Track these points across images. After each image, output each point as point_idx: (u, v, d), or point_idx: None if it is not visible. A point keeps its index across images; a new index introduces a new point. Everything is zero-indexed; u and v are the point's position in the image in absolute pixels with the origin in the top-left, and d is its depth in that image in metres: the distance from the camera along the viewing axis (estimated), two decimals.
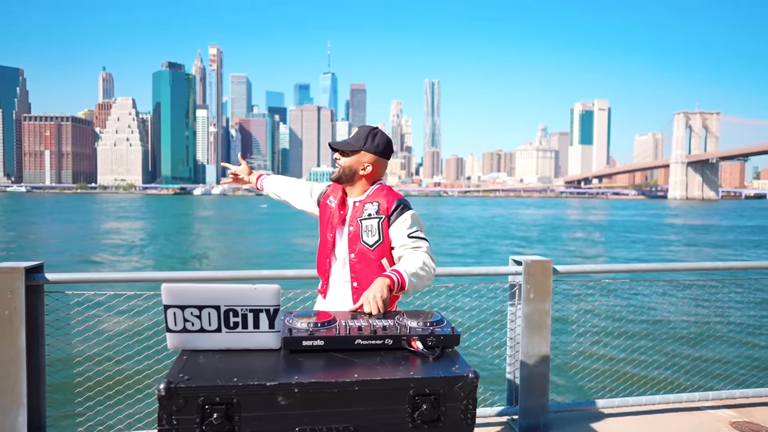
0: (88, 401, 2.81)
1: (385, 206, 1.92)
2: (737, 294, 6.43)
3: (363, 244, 1.91)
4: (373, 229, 1.90)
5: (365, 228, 1.90)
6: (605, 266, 3.37)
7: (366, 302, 1.65)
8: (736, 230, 41.16)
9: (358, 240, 1.91)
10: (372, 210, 1.92)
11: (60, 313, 2.76)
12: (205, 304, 1.34)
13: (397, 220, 1.90)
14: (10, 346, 2.63)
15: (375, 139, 1.95)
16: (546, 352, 3.19)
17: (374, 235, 1.90)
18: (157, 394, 1.18)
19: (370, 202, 1.94)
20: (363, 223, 1.91)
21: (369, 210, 1.92)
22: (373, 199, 1.95)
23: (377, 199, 1.94)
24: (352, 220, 1.94)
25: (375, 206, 1.92)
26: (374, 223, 1.90)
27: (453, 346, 1.47)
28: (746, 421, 3.32)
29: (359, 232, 1.91)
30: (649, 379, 3.86)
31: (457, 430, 1.30)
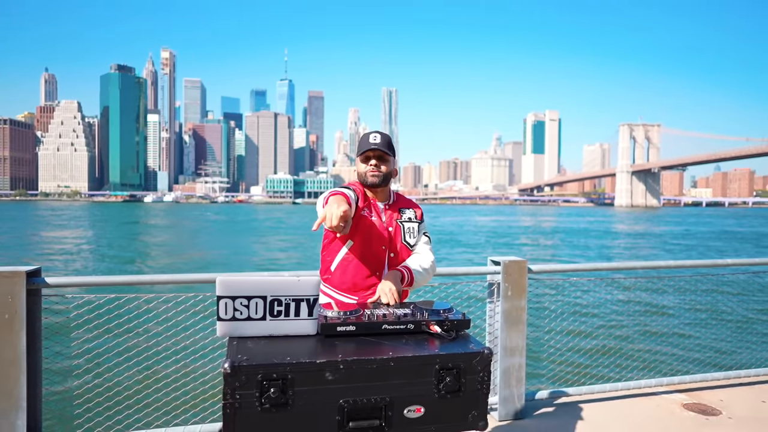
0: (86, 403, 2.85)
1: (419, 213, 2.18)
2: (684, 290, 7.03)
3: (404, 243, 2.09)
4: (414, 231, 2.12)
5: (407, 229, 2.10)
6: (574, 265, 3.70)
7: (383, 294, 1.85)
8: (687, 236, 43.78)
9: (399, 240, 2.08)
10: (411, 215, 2.15)
11: (59, 316, 2.80)
12: (254, 294, 1.51)
13: (421, 225, 2.18)
14: (10, 349, 2.65)
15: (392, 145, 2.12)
16: (522, 345, 3.47)
17: (415, 236, 2.12)
18: (223, 372, 1.34)
19: (406, 208, 2.16)
20: (404, 225, 2.10)
21: (408, 214, 2.14)
22: (404, 205, 2.17)
23: (409, 206, 2.18)
24: (390, 221, 2.09)
25: (412, 212, 2.15)
26: (415, 227, 2.13)
27: (465, 330, 1.69)
28: (695, 403, 3.71)
29: (401, 232, 2.09)
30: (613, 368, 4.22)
31: (475, 398, 1.52)
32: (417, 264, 2.07)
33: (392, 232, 2.08)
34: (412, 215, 2.14)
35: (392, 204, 2.15)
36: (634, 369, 4.20)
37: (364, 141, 2.09)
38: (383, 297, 1.86)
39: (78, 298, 2.82)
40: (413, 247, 2.12)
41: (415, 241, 2.12)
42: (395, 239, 2.08)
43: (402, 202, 2.18)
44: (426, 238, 2.18)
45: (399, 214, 2.12)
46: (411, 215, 2.14)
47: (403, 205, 2.17)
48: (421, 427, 1.48)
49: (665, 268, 3.82)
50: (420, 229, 2.18)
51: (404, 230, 2.10)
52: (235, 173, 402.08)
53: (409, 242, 2.10)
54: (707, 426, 3.36)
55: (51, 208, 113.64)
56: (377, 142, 2.05)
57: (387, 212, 2.11)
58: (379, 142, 2.04)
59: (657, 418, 3.47)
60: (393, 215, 2.11)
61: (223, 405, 1.35)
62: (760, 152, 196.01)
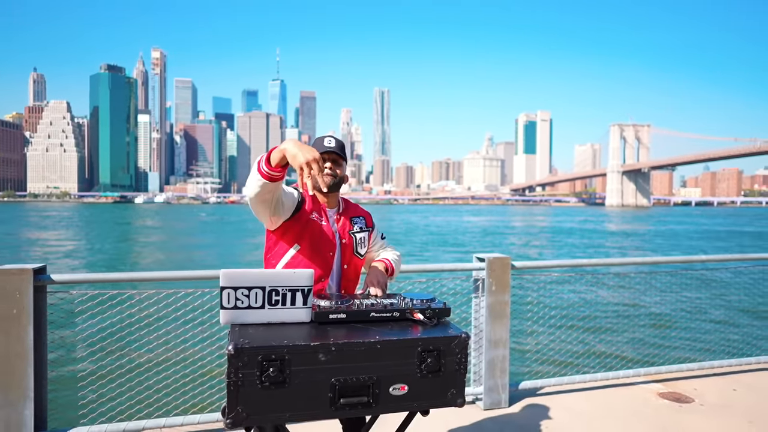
0: (90, 394, 2.99)
1: (369, 219, 2.22)
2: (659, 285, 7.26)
3: (356, 255, 2.11)
4: (364, 241, 2.14)
5: (359, 240, 2.11)
6: (556, 261, 3.88)
7: (372, 286, 2.01)
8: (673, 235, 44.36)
9: (351, 252, 2.09)
10: (362, 224, 2.15)
11: (63, 311, 2.93)
12: (254, 285, 1.66)
13: (374, 231, 2.24)
14: (19, 343, 2.79)
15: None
16: (506, 338, 3.65)
17: (365, 246, 2.15)
18: (227, 353, 1.49)
19: (356, 216, 2.15)
20: (356, 236, 2.11)
21: (359, 223, 2.14)
22: (354, 213, 2.16)
23: (358, 214, 2.18)
24: (343, 231, 2.08)
25: (362, 220, 2.16)
26: (365, 236, 2.15)
27: (445, 317, 1.86)
28: (670, 392, 3.91)
29: (353, 244, 2.09)
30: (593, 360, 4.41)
31: (454, 378, 1.68)
32: (392, 256, 2.23)
33: (345, 243, 2.07)
34: (363, 224, 2.15)
35: (342, 211, 2.13)
36: (613, 361, 4.39)
37: (319, 144, 2.05)
38: (372, 289, 2.02)
39: (81, 294, 2.96)
40: (364, 256, 2.15)
41: (365, 250, 2.15)
42: (348, 251, 2.08)
43: (351, 210, 2.17)
44: (384, 241, 2.29)
45: (351, 225, 2.11)
46: (362, 224, 2.15)
47: (353, 213, 2.16)
48: (404, 403, 1.64)
49: (641, 264, 4.02)
50: (373, 236, 2.21)
51: (356, 241, 2.10)
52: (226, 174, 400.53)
53: (360, 252, 2.12)
54: (680, 413, 3.55)
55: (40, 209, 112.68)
56: (332, 145, 2.03)
57: (339, 221, 2.09)
58: (334, 146, 2.03)
59: (634, 406, 3.66)
60: (345, 225, 2.09)
61: (227, 383, 1.50)
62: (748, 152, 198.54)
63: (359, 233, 2.13)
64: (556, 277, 4.02)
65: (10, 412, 2.77)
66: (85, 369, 3.01)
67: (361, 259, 2.15)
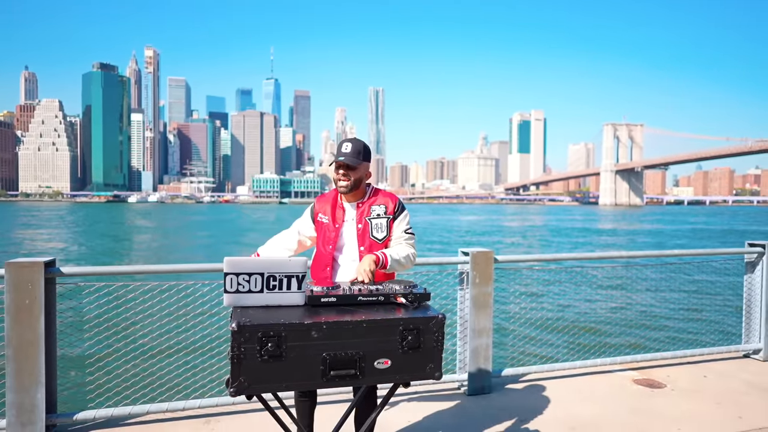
0: (97, 380, 3.18)
1: (391, 207, 2.42)
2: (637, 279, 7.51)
3: (372, 238, 2.37)
4: (382, 226, 2.38)
5: (375, 225, 2.38)
6: (536, 255, 4.11)
7: (359, 273, 2.22)
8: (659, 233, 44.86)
9: (367, 235, 2.37)
10: (380, 211, 2.40)
11: (71, 302, 3.12)
12: (254, 271, 1.87)
13: (398, 218, 2.43)
14: (31, 331, 2.97)
15: (368, 150, 2.39)
16: (489, 327, 3.87)
17: (383, 231, 2.38)
18: (231, 330, 1.70)
19: (377, 204, 2.41)
20: (372, 222, 2.38)
21: (377, 210, 2.40)
22: (377, 201, 2.42)
23: (382, 201, 2.42)
24: (360, 218, 2.38)
25: (382, 208, 2.41)
26: (383, 222, 2.39)
27: (426, 301, 2.07)
28: (645, 378, 4.15)
29: (369, 229, 2.37)
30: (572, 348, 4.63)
31: (432, 353, 1.90)
32: (395, 252, 2.36)
33: (362, 227, 2.37)
34: (381, 211, 2.39)
35: (365, 201, 2.41)
36: (592, 350, 4.63)
37: (338, 149, 2.34)
38: (359, 276, 2.23)
39: (89, 286, 3.15)
40: (383, 240, 2.38)
41: (383, 235, 2.38)
42: (364, 235, 2.37)
43: (374, 200, 2.42)
44: (407, 235, 2.43)
45: (369, 212, 2.39)
46: (381, 211, 2.39)
47: (376, 202, 2.41)
48: (388, 375, 1.85)
49: (618, 258, 4.25)
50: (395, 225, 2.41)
51: (372, 226, 2.37)
52: (220, 173, 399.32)
53: (377, 237, 2.37)
54: (653, 397, 3.79)
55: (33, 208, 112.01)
56: (347, 151, 2.30)
57: (358, 210, 2.39)
58: (349, 152, 2.29)
59: (610, 392, 3.89)
60: (364, 212, 2.39)
61: (231, 356, 1.71)
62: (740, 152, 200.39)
63: (376, 219, 2.38)
64: (537, 270, 4.24)
65: (24, 396, 2.96)
66: (92, 356, 3.20)
67: (379, 243, 2.37)
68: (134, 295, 3.25)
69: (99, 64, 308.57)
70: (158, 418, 3.20)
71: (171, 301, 3.24)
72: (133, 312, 3.18)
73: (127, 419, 3.14)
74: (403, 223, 2.46)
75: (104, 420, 3.12)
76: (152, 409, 3.24)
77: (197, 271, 3.36)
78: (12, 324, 2.93)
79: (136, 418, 3.17)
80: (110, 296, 3.16)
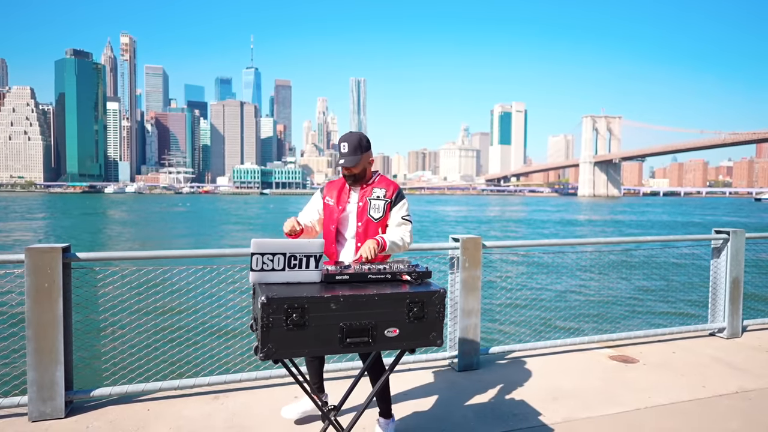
0: (112, 359, 3.37)
1: (390, 192, 2.69)
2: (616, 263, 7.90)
3: (369, 217, 2.64)
4: (379, 207, 2.65)
5: (373, 206, 2.65)
6: (522, 242, 4.41)
7: (363, 250, 2.47)
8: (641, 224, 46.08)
9: (365, 213, 2.65)
10: (380, 194, 2.67)
11: (89, 286, 3.30)
12: (277, 251, 2.10)
13: (396, 205, 2.69)
14: (50, 312, 3.15)
15: (365, 140, 2.62)
16: (478, 308, 4.16)
17: (379, 212, 2.65)
18: (261, 302, 1.93)
19: (378, 187, 2.69)
20: (371, 202, 2.65)
21: (378, 193, 2.67)
22: (379, 185, 2.70)
23: (383, 186, 2.70)
24: (362, 198, 2.65)
25: (382, 191, 2.68)
26: (381, 204, 2.65)
27: (427, 278, 2.32)
28: (620, 355, 4.49)
29: (367, 208, 2.65)
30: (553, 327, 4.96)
31: (435, 323, 2.16)
32: (392, 236, 2.63)
33: (361, 206, 2.65)
34: (381, 194, 2.67)
35: (368, 185, 2.69)
36: (572, 329, 4.96)
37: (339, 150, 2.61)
38: (363, 252, 2.48)
39: (102, 270, 3.33)
40: (378, 220, 2.64)
41: (379, 215, 2.64)
42: (363, 212, 2.64)
43: (377, 184, 2.70)
44: (404, 221, 2.68)
45: (371, 193, 2.66)
46: (380, 194, 2.67)
47: (377, 185, 2.69)
48: (396, 342, 2.11)
49: (594, 243, 4.58)
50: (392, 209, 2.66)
51: (370, 206, 2.65)
52: (200, 163, 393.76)
53: (374, 216, 2.64)
54: (625, 371, 4.13)
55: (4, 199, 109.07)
56: (345, 152, 2.57)
57: (360, 192, 2.68)
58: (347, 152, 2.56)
59: (587, 367, 4.22)
60: (366, 193, 2.67)
61: (261, 325, 1.94)
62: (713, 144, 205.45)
63: (375, 200, 2.65)
64: (521, 255, 4.54)
65: (44, 373, 3.14)
66: (106, 337, 3.39)
67: (375, 222, 2.63)
68: (146, 279, 3.44)
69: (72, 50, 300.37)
70: (170, 395, 3.41)
71: (181, 285, 3.43)
72: (145, 295, 3.37)
73: (140, 395, 3.35)
74: (402, 210, 2.70)
75: (119, 396, 3.31)
76: (164, 386, 3.45)
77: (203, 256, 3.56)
78: (32, 306, 3.11)
79: (150, 395, 3.37)
80: (123, 280, 3.34)
